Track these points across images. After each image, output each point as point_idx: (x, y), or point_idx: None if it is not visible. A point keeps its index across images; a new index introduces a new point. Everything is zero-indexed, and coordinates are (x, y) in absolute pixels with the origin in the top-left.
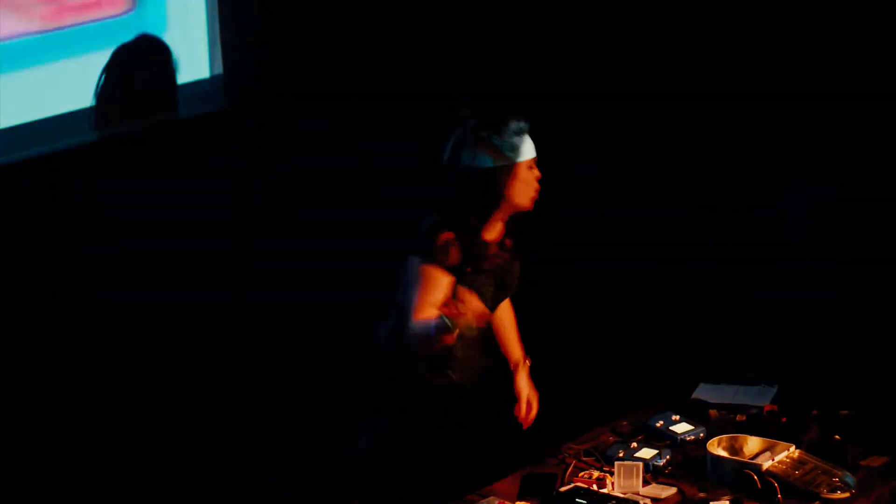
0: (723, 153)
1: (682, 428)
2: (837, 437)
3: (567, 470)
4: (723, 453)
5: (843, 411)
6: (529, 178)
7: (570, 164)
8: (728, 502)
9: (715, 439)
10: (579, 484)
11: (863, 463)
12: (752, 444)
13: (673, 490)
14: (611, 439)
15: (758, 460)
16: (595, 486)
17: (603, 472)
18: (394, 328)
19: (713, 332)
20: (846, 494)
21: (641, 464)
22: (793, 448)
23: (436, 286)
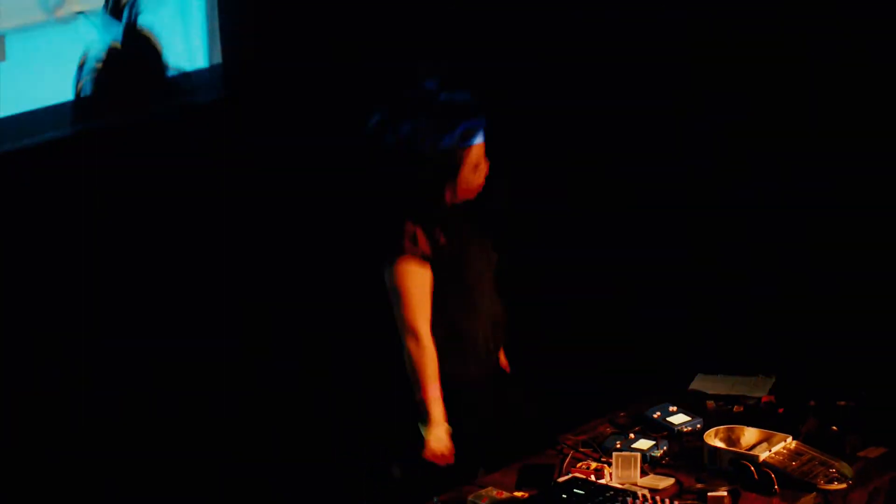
0: (721, 148)
1: (679, 419)
2: (835, 427)
3: (565, 460)
4: (720, 444)
5: (841, 402)
6: (477, 174)
7: (559, 154)
8: (725, 493)
9: (712, 430)
10: (577, 474)
11: (860, 454)
12: (749, 434)
13: (670, 481)
14: (608, 430)
15: (755, 451)
16: (593, 477)
17: (601, 463)
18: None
19: (710, 323)
20: (843, 485)
21: (639, 454)
22: (790, 439)
23: (417, 287)
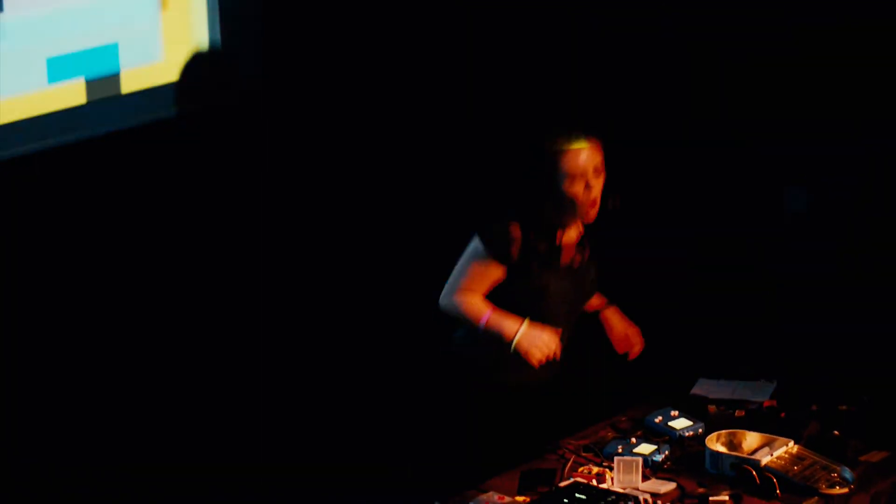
0: (722, 148)
1: (681, 423)
2: (836, 432)
3: (566, 465)
4: (722, 449)
5: (843, 406)
6: (572, 188)
7: None
8: (727, 498)
9: (714, 435)
10: (578, 479)
11: (862, 458)
12: (750, 439)
13: (672, 485)
14: (610, 435)
15: (757, 456)
16: (594, 481)
17: (602, 468)
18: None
19: (712, 328)
20: (845, 490)
21: (641, 459)
22: (792, 443)
23: (481, 271)
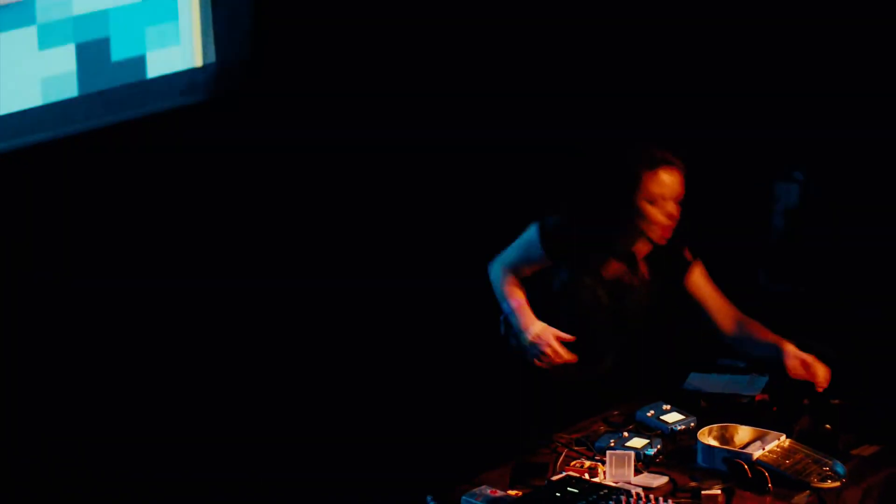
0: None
1: (672, 417)
2: (828, 426)
3: (559, 459)
4: (713, 443)
5: (834, 401)
6: (650, 209)
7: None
8: (719, 491)
9: (706, 429)
10: (571, 473)
11: (854, 452)
12: (742, 433)
13: (664, 479)
14: (602, 429)
15: (748, 450)
16: (587, 475)
17: (594, 462)
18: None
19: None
20: (837, 483)
21: (633, 453)
22: (783, 437)
23: (527, 257)
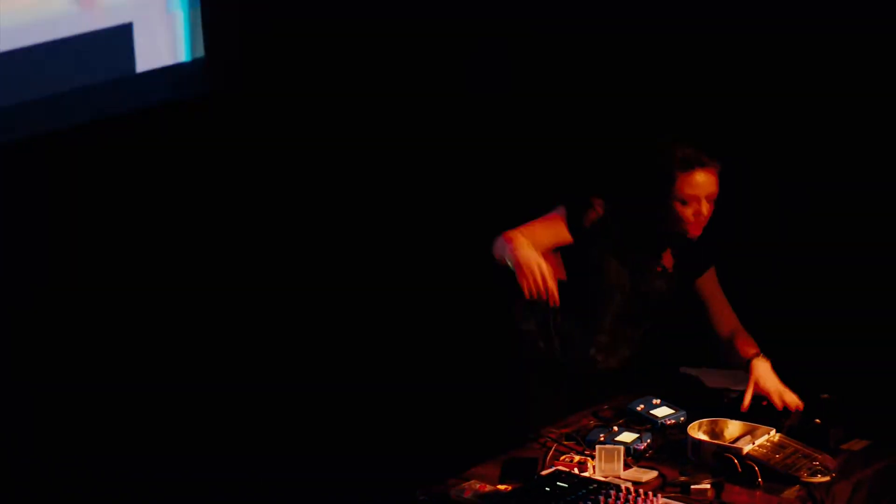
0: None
1: (662, 412)
2: (818, 420)
3: (548, 454)
4: (703, 437)
5: (824, 395)
6: (682, 209)
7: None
8: (709, 486)
9: (695, 423)
10: (560, 467)
11: (843, 447)
12: (732, 428)
13: (654, 473)
14: (592, 423)
15: (738, 444)
16: (576, 470)
17: (584, 456)
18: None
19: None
20: (826, 478)
21: (622, 447)
22: (773, 432)
23: (548, 227)
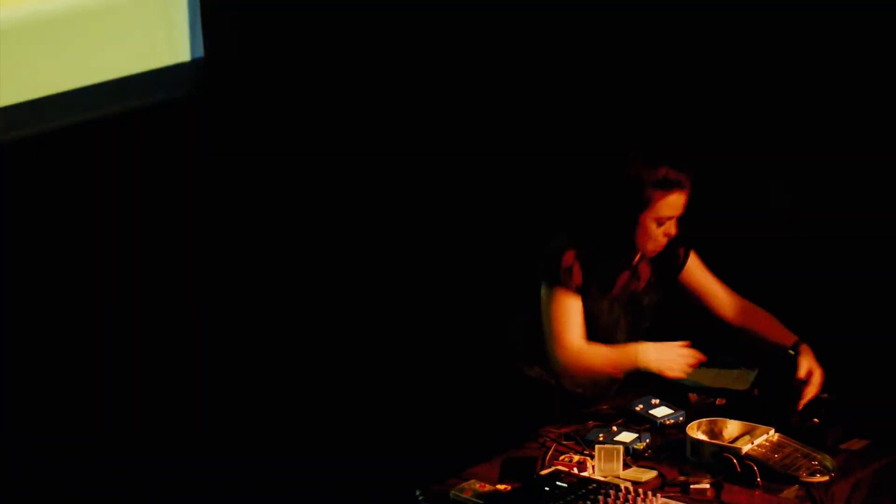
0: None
1: (661, 412)
2: (817, 420)
3: (547, 453)
4: (702, 437)
5: (824, 395)
6: (655, 229)
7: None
8: (708, 485)
9: (694, 423)
10: (560, 467)
11: (843, 446)
12: (731, 427)
13: (653, 473)
14: (591, 423)
15: (737, 444)
16: (575, 470)
17: (583, 456)
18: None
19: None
20: (826, 478)
21: (622, 447)
22: (772, 431)
23: (568, 310)
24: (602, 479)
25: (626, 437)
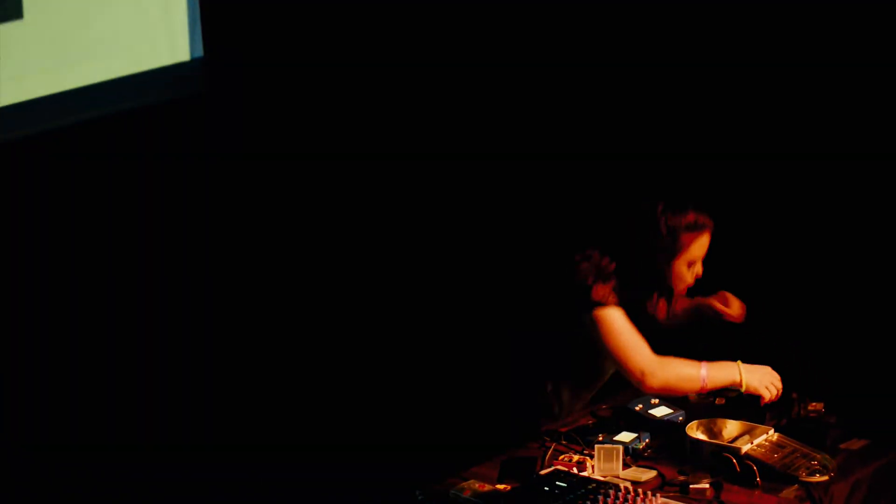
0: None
1: (661, 411)
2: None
3: (547, 453)
4: (702, 437)
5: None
6: (686, 271)
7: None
8: (707, 485)
9: (694, 423)
10: (559, 467)
11: (842, 446)
12: (731, 427)
13: (653, 473)
14: (591, 423)
15: (737, 444)
16: (575, 469)
17: (583, 456)
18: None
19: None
20: (825, 477)
21: (621, 447)
22: (772, 431)
23: (625, 328)
24: (601, 479)
25: (626, 436)
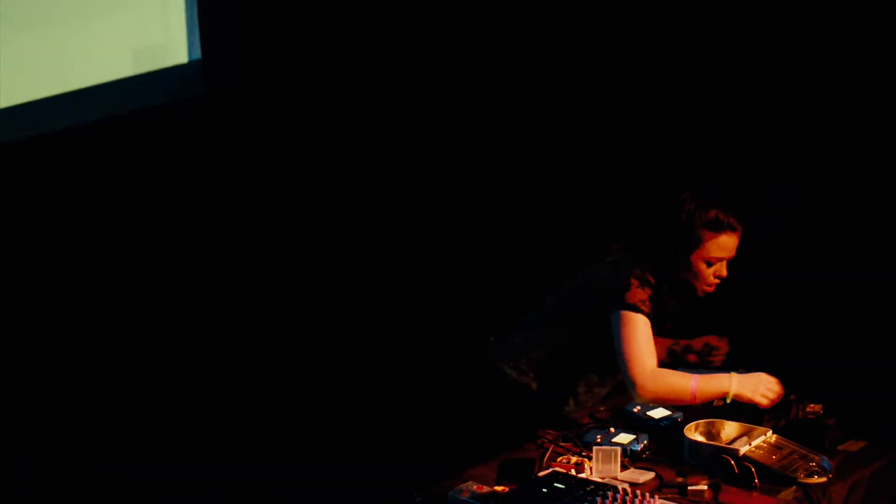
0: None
1: (659, 413)
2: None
3: (545, 455)
4: (700, 438)
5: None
6: (705, 269)
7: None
8: (706, 487)
9: (692, 424)
10: (557, 469)
11: (840, 447)
12: (729, 429)
13: (651, 475)
14: (589, 424)
15: (735, 445)
16: (573, 471)
17: (581, 457)
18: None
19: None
20: (823, 479)
21: (619, 448)
22: (770, 433)
23: (645, 335)
24: (600, 480)
25: (624, 438)
